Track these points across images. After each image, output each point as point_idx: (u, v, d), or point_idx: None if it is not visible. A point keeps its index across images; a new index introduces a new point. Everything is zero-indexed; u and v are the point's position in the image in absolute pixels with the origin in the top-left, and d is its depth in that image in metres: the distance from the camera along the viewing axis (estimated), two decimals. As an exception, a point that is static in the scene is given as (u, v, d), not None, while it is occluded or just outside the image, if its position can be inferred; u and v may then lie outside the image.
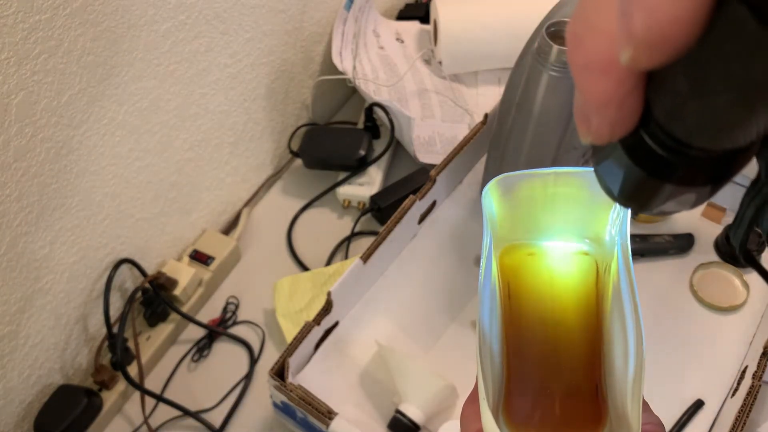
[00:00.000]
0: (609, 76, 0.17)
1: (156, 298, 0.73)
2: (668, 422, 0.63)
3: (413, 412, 0.61)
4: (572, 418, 0.31)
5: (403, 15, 1.03)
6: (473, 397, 0.31)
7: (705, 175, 0.19)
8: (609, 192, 0.22)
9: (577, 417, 0.31)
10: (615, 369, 0.30)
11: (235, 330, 0.76)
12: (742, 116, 0.16)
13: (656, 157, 0.19)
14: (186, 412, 0.69)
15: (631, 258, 0.30)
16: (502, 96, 0.67)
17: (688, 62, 0.16)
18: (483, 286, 0.30)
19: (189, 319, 0.74)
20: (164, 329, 0.74)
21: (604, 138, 0.19)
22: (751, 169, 0.22)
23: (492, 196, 0.32)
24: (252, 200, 0.88)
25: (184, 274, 0.75)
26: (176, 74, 0.68)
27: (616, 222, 0.32)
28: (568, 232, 0.34)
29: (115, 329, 0.69)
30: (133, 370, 0.70)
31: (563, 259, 0.34)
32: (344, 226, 0.84)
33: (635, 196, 0.21)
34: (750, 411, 0.55)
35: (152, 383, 0.73)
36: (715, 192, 0.21)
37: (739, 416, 0.55)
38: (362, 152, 0.83)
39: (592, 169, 0.23)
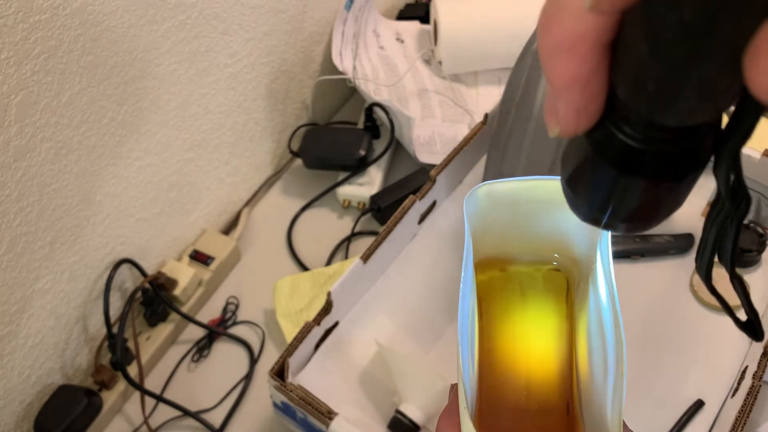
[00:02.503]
0: (574, 53, 0.18)
1: (156, 298, 0.73)
2: (668, 422, 0.63)
3: (413, 412, 0.61)
4: None
5: (403, 15, 1.03)
6: (449, 411, 0.31)
7: (668, 164, 0.19)
8: (576, 206, 0.22)
9: None
10: (593, 384, 0.30)
11: (235, 330, 0.76)
12: (698, 76, 0.16)
13: (621, 146, 0.19)
14: (186, 412, 0.69)
15: (612, 267, 0.30)
16: (502, 96, 0.67)
17: (642, 16, 0.16)
18: (463, 297, 0.30)
19: (189, 319, 0.74)
20: (164, 329, 0.74)
21: (570, 126, 0.20)
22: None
23: (473, 205, 0.31)
24: (252, 200, 0.88)
25: (184, 274, 0.75)
26: (176, 74, 0.68)
27: (589, 238, 0.31)
28: (539, 249, 0.34)
29: (115, 329, 0.69)
30: (133, 370, 0.70)
31: (534, 276, 0.34)
32: (344, 226, 0.84)
33: (602, 201, 0.21)
34: (750, 411, 0.55)
35: (152, 383, 0.73)
36: (680, 197, 0.21)
37: (739, 416, 0.55)
38: (362, 152, 0.83)
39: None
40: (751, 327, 0.24)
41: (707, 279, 0.24)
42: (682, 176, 0.20)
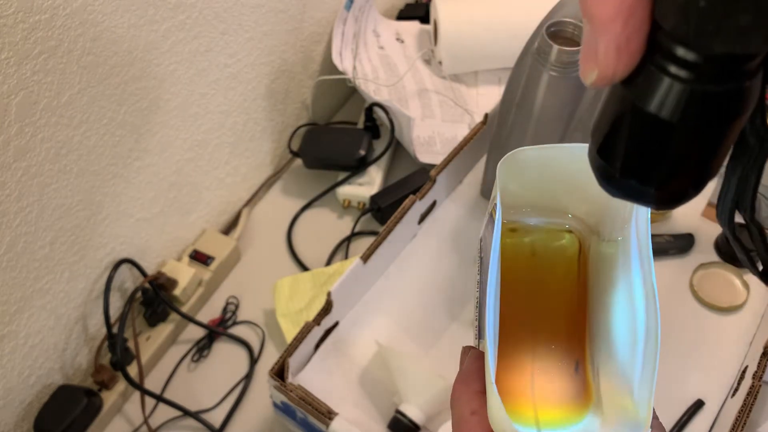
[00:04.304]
0: None
1: (156, 298, 0.73)
2: (668, 422, 0.63)
3: (413, 412, 0.61)
4: (551, 393, 0.31)
5: (403, 15, 1.03)
6: (465, 378, 0.30)
7: (712, 106, 0.19)
8: (607, 177, 0.22)
9: (556, 392, 0.31)
10: (615, 354, 0.30)
11: (235, 330, 0.76)
12: None
13: (665, 88, 0.19)
14: (186, 412, 0.69)
15: (649, 241, 0.29)
16: (502, 96, 0.67)
17: None
18: (492, 264, 0.29)
19: (189, 319, 0.74)
20: (164, 329, 0.74)
21: (610, 66, 0.19)
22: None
23: (506, 171, 0.31)
24: (252, 200, 0.88)
25: (184, 274, 0.75)
26: (176, 74, 0.68)
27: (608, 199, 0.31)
28: (553, 210, 0.33)
29: (115, 329, 0.69)
30: (133, 370, 0.70)
31: (545, 237, 0.34)
32: (344, 226, 0.84)
33: (638, 161, 0.20)
34: (750, 411, 0.55)
35: (152, 383, 0.73)
36: (719, 154, 0.20)
37: (739, 416, 0.55)
38: (362, 152, 0.83)
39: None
40: (767, 274, 0.24)
41: (730, 225, 0.23)
42: (727, 120, 0.19)
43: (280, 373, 0.60)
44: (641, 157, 0.20)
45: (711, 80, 0.18)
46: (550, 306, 0.33)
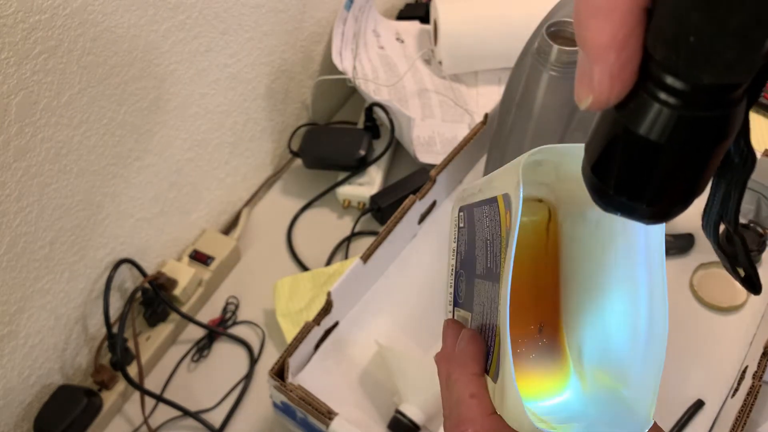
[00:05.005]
0: (612, 16, 0.19)
1: (156, 298, 0.72)
2: (668, 422, 0.63)
3: (413, 412, 0.61)
4: (522, 358, 0.32)
5: (403, 15, 1.03)
6: (462, 361, 0.30)
7: (701, 131, 0.20)
8: (601, 193, 0.22)
9: (526, 357, 0.32)
10: (606, 337, 0.30)
11: (235, 330, 0.76)
12: (738, 21, 0.17)
13: (655, 114, 0.20)
14: (186, 412, 0.69)
15: (663, 248, 0.29)
16: (502, 96, 0.67)
17: None
18: (507, 260, 0.29)
19: (189, 319, 0.74)
20: (164, 329, 0.74)
21: (604, 92, 0.20)
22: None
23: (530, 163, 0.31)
24: (252, 200, 0.88)
25: (184, 274, 0.75)
26: (176, 74, 0.68)
27: None
28: (532, 180, 0.33)
29: (114, 329, 0.69)
30: (133, 370, 0.70)
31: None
32: (344, 226, 0.84)
33: (630, 180, 0.21)
34: (750, 411, 0.55)
35: (152, 383, 0.73)
36: (706, 172, 0.21)
37: (739, 416, 0.55)
38: (362, 152, 0.83)
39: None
40: (749, 281, 0.25)
41: (714, 236, 0.25)
42: (713, 143, 0.20)
43: (280, 373, 0.60)
44: (633, 176, 0.21)
45: (699, 107, 0.19)
46: (517, 272, 0.33)
